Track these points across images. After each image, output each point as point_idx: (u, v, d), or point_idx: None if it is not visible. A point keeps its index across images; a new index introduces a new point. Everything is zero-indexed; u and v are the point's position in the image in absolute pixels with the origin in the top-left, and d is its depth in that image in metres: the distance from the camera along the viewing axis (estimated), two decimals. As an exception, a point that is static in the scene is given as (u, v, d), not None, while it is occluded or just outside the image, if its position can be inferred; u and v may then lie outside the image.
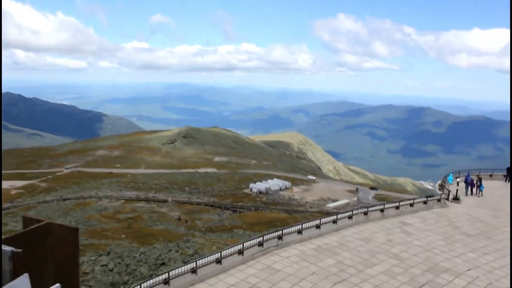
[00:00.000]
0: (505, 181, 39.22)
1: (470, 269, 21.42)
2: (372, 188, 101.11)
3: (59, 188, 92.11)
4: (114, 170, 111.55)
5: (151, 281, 17.23)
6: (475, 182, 34.98)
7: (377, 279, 19.64)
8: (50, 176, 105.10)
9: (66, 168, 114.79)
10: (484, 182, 36.41)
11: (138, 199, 79.04)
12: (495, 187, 37.70)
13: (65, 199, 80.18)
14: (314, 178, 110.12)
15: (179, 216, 66.89)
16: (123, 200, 77.39)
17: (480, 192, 34.82)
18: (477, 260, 22.65)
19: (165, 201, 77.93)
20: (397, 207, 29.13)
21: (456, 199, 32.41)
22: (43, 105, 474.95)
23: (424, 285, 19.51)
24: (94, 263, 39.61)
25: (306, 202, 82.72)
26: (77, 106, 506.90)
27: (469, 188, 34.76)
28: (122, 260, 40.57)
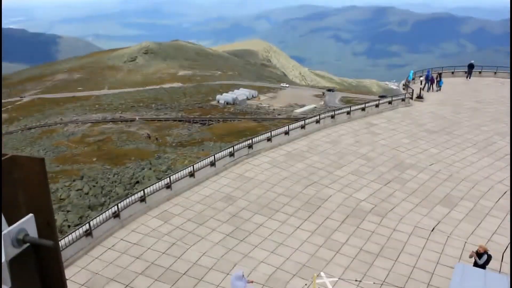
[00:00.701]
0: (466, 78, 40.15)
1: (432, 164, 22.53)
2: (329, 90, 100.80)
3: (21, 118, 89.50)
4: (77, 94, 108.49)
5: (128, 200, 17.51)
6: (435, 78, 35.83)
7: (346, 179, 20.49)
8: (9, 106, 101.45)
9: (22, 97, 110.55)
10: (446, 79, 37.28)
11: (105, 121, 77.93)
12: (456, 84, 38.67)
13: (29, 128, 78.30)
14: (287, 85, 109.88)
15: (149, 134, 66.75)
16: (90, 123, 76.21)
17: (439, 87, 35.79)
18: (439, 154, 23.79)
19: (132, 120, 77.17)
20: (363, 109, 29.73)
21: (419, 97, 33.22)
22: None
23: (390, 181, 20.50)
24: (69, 188, 39.74)
25: (274, 109, 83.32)
26: (27, 30, 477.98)
27: (430, 84, 35.66)
28: (97, 183, 40.82)
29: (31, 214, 1.88)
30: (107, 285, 13.82)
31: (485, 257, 12.87)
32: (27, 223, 1.85)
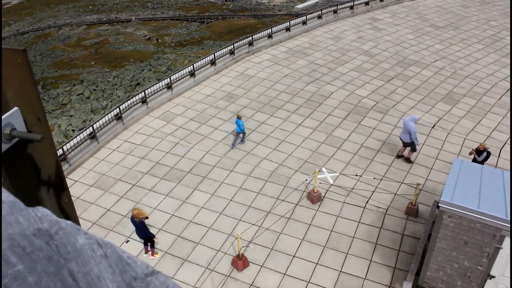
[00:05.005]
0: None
1: (436, 60, 22.10)
2: None
3: (12, 22, 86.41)
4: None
5: (129, 102, 17.46)
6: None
7: (348, 76, 20.26)
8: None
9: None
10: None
11: (101, 22, 75.38)
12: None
13: (22, 33, 75.83)
14: None
15: (148, 36, 65.03)
16: (85, 26, 73.82)
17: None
18: (444, 51, 23.27)
19: (129, 21, 74.69)
20: (367, 3, 28.60)
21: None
22: None
23: (393, 78, 20.27)
24: (69, 93, 39.46)
25: (275, 5, 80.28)
26: None
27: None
28: (97, 87, 40.45)
29: (15, 108, 1.77)
30: (115, 184, 14.25)
31: (484, 154, 13.09)
32: (13, 117, 1.76)
